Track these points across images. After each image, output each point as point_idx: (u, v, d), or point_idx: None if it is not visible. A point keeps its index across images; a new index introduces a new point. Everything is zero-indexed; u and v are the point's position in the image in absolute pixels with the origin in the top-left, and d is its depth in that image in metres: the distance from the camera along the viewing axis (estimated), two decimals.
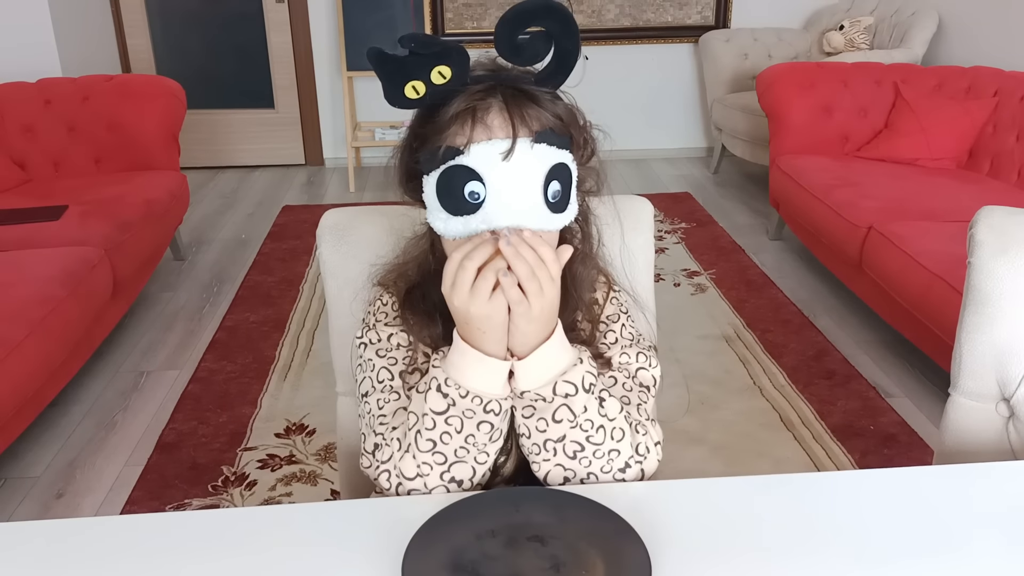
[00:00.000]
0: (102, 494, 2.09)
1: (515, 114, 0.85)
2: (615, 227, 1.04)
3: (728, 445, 2.24)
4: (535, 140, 0.85)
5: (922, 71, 3.51)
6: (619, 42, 4.71)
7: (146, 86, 3.32)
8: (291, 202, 4.33)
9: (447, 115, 0.86)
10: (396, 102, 0.86)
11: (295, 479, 2.13)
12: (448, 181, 0.85)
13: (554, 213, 0.87)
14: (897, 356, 2.67)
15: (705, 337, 2.82)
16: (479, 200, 0.84)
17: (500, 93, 0.86)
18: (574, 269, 0.96)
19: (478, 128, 0.85)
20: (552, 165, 0.86)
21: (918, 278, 2.36)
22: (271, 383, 2.57)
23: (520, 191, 0.85)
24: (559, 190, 0.87)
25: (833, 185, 3.00)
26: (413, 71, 0.85)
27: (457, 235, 0.86)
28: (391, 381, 0.94)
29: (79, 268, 2.37)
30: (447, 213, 0.86)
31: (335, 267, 1.07)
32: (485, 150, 0.84)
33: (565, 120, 0.89)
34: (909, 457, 2.18)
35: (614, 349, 0.99)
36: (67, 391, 2.47)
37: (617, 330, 1.01)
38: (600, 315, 1.01)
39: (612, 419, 0.89)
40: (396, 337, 0.96)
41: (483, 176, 0.84)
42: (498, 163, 0.84)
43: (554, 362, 0.86)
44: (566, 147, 0.88)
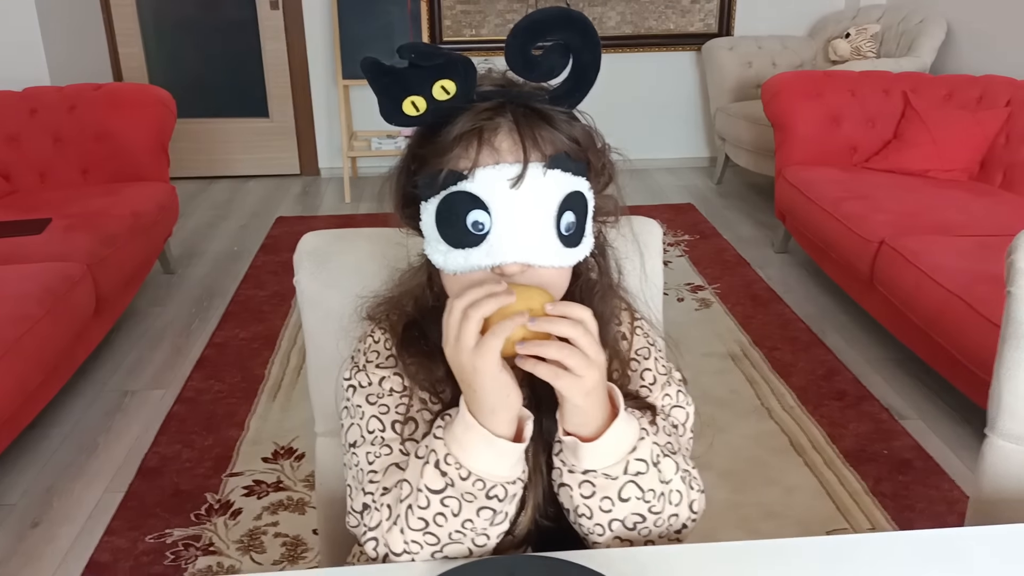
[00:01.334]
0: (80, 522, 2.00)
1: (526, 136, 0.76)
2: (633, 256, 0.95)
3: (736, 471, 2.14)
4: (548, 166, 0.76)
5: (932, 80, 3.42)
6: (620, 50, 4.63)
7: (135, 95, 3.23)
8: (285, 213, 4.24)
9: (450, 136, 0.76)
10: (393, 119, 0.76)
11: (282, 507, 2.03)
12: (449, 209, 0.76)
13: (567, 247, 0.78)
14: (910, 376, 2.57)
15: (711, 355, 2.72)
16: (483, 231, 0.75)
17: (510, 112, 0.77)
18: (594, 307, 0.85)
19: (484, 151, 0.76)
20: (567, 194, 0.77)
21: (933, 296, 2.27)
22: (260, 403, 2.47)
23: (530, 222, 0.76)
24: (573, 222, 0.78)
25: (842, 197, 2.90)
26: (413, 85, 0.75)
27: (458, 270, 0.77)
28: (383, 432, 0.83)
29: (59, 285, 2.27)
30: (447, 245, 0.77)
31: (314, 297, 0.97)
32: (491, 176, 0.75)
33: (582, 144, 0.80)
34: (926, 484, 2.08)
35: (655, 391, 0.89)
36: (47, 412, 2.37)
37: (652, 366, 0.91)
38: (629, 351, 0.91)
39: (669, 481, 0.80)
40: (389, 381, 0.85)
41: (488, 205, 0.75)
42: (506, 190, 0.75)
43: (623, 439, 0.77)
44: (582, 174, 0.79)
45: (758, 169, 4.10)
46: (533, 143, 0.76)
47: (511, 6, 4.50)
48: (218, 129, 4.74)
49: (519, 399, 0.74)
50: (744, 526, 1.94)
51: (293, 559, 1.87)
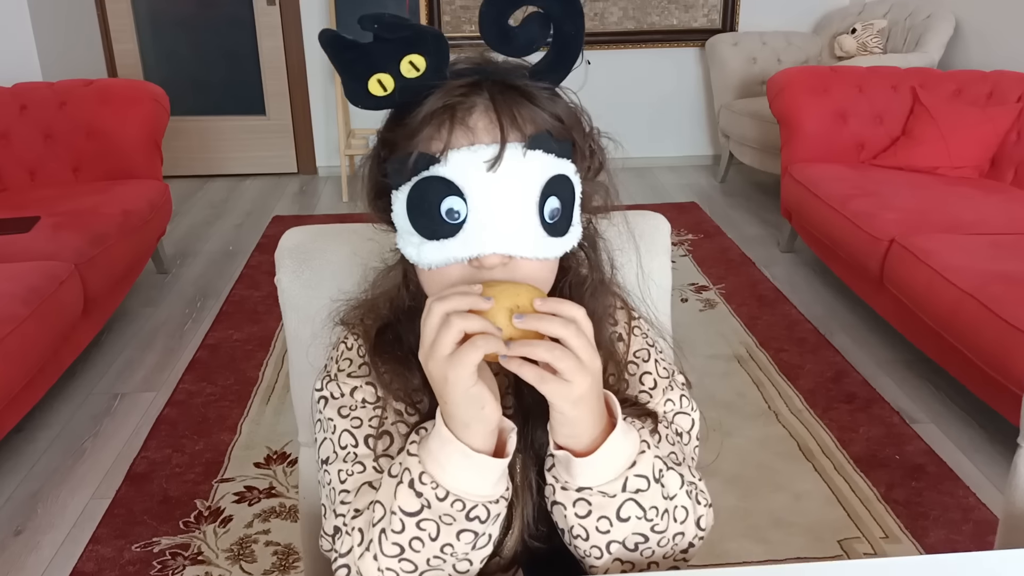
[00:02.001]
0: (64, 531, 1.93)
1: (504, 114, 0.69)
2: (629, 250, 0.88)
3: (743, 476, 2.07)
4: (528, 146, 0.69)
5: (941, 75, 3.35)
6: (623, 46, 4.56)
7: (127, 91, 3.16)
8: (282, 212, 4.17)
9: (419, 116, 0.69)
10: (359, 100, 0.70)
11: (274, 514, 1.97)
12: (421, 196, 0.69)
13: (552, 237, 0.71)
14: (920, 378, 2.50)
15: (716, 357, 2.65)
16: (459, 220, 0.69)
17: (486, 89, 0.70)
18: (585, 305, 0.79)
19: (458, 131, 0.69)
20: (550, 177, 0.70)
21: (946, 295, 2.20)
22: (252, 407, 2.41)
23: (510, 209, 0.69)
24: (558, 208, 0.71)
25: (850, 195, 2.83)
26: (378, 61, 0.68)
27: (433, 264, 0.70)
28: (355, 448, 0.76)
29: (45, 284, 2.21)
30: (420, 236, 0.70)
31: (296, 298, 0.90)
32: (466, 158, 0.68)
33: (566, 122, 0.73)
34: (940, 490, 2.01)
35: (656, 396, 0.81)
36: (34, 415, 2.31)
37: (652, 369, 0.83)
38: (627, 353, 0.84)
39: (674, 497, 0.72)
40: (362, 391, 0.78)
41: (464, 190, 0.68)
42: (482, 174, 0.68)
43: (621, 453, 0.69)
44: (567, 155, 0.72)
45: (763, 167, 4.03)
46: (512, 121, 0.69)
47: None
48: (214, 127, 4.67)
49: (496, 412, 0.66)
50: (752, 535, 1.87)
51: (284, 568, 1.80)
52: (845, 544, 1.85)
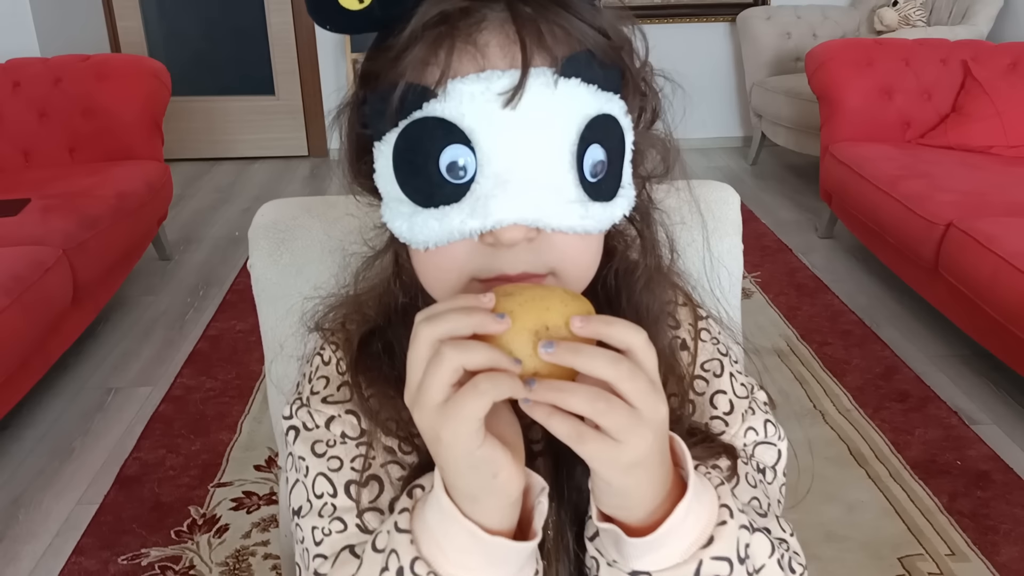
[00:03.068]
0: (47, 540, 1.77)
1: (527, 28, 0.49)
2: (693, 226, 0.68)
3: (790, 484, 1.84)
4: (561, 73, 0.49)
5: (994, 48, 3.12)
6: (649, 21, 4.32)
7: (125, 67, 3.00)
8: (291, 196, 3.99)
9: (407, 31, 0.49)
10: (326, 17, 0.50)
11: (273, 524, 1.80)
12: (412, 147, 0.49)
13: (595, 201, 0.51)
14: (978, 374, 2.29)
15: (755, 351, 2.44)
16: (465, 178, 0.49)
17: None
18: (636, 300, 0.59)
19: (462, 53, 0.49)
20: (591, 117, 0.50)
21: (1015, 284, 1.99)
22: (254, 404, 2.24)
23: (536, 161, 0.49)
24: (603, 161, 0.51)
25: (900, 176, 2.62)
26: None
27: (431, 242, 0.51)
28: (333, 499, 0.57)
29: (28, 272, 2.04)
30: (412, 204, 0.51)
31: (271, 287, 0.72)
32: (474, 90, 0.48)
33: (614, 40, 0.52)
34: (1009, 501, 1.81)
35: (734, 423, 0.62)
36: (20, 412, 2.15)
37: (728, 387, 0.63)
38: (692, 365, 0.63)
39: (760, 569, 0.52)
40: (340, 423, 0.59)
41: (471, 135, 0.48)
42: (497, 112, 0.48)
43: (692, 530, 0.49)
44: (614, 88, 0.52)
45: (798, 148, 3.82)
46: (538, 38, 0.49)
47: None
48: (221, 108, 4.50)
49: (514, 479, 0.46)
50: (803, 550, 1.67)
51: None
52: (907, 562, 1.66)
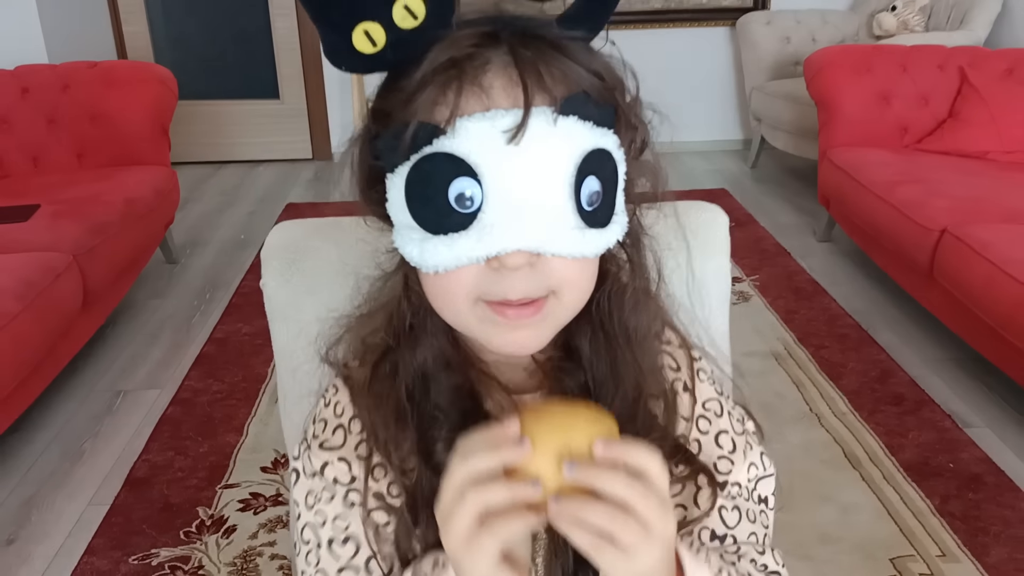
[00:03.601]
0: (59, 540, 1.81)
1: (528, 71, 0.53)
2: (679, 248, 0.72)
3: (785, 486, 1.87)
4: (560, 111, 0.53)
5: (991, 54, 3.15)
6: (650, 26, 4.38)
7: (133, 73, 3.04)
8: (296, 199, 4.05)
9: (418, 75, 0.54)
10: (341, 59, 0.54)
11: (280, 524, 1.84)
12: (423, 180, 0.54)
13: (591, 228, 0.56)
14: (973, 378, 2.33)
15: (752, 354, 2.49)
16: (472, 208, 0.54)
17: (504, 41, 0.54)
18: (625, 321, 0.64)
19: (469, 94, 0.53)
20: (587, 152, 0.55)
21: (1007, 291, 2.03)
22: (261, 406, 2.28)
23: (537, 193, 0.54)
24: (598, 191, 0.56)
25: (896, 182, 2.65)
26: (365, 7, 0.53)
27: (440, 267, 0.55)
28: (317, 549, 0.63)
29: (40, 277, 2.09)
30: (423, 231, 0.55)
31: (283, 307, 0.76)
32: (480, 128, 0.53)
33: (608, 82, 0.57)
34: (1000, 503, 1.85)
35: (738, 461, 0.67)
36: (32, 414, 2.19)
37: (728, 427, 0.68)
38: (694, 404, 0.68)
39: None
40: (333, 468, 0.64)
41: (477, 169, 0.53)
42: (501, 147, 0.53)
43: None
44: (608, 124, 0.56)
45: (797, 152, 3.85)
46: (538, 80, 0.53)
47: None
48: (226, 111, 4.54)
49: None
50: (797, 551, 1.72)
51: None
52: (899, 563, 1.69)
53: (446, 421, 0.61)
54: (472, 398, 0.62)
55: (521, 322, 0.57)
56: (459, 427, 0.58)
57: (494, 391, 0.63)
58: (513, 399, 0.63)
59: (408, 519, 0.61)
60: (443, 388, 0.58)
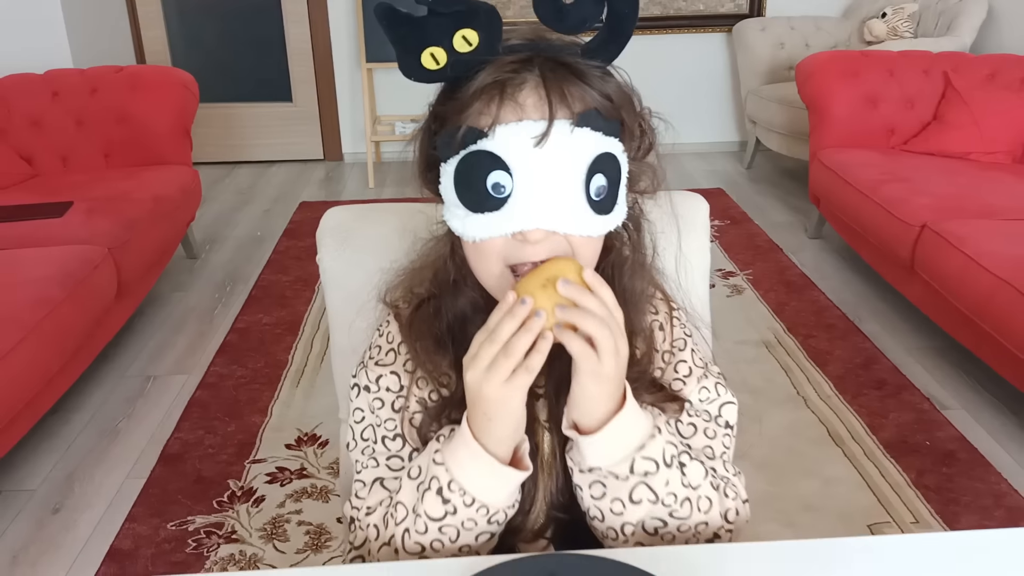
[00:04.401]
0: (101, 509, 1.96)
1: (553, 91, 0.70)
2: (671, 231, 0.88)
3: (772, 462, 2.07)
4: (576, 123, 0.70)
5: (974, 60, 3.30)
6: (649, 32, 4.53)
7: (157, 77, 3.19)
8: (308, 198, 4.20)
9: (470, 90, 0.70)
10: (413, 73, 0.71)
11: (305, 495, 1.99)
12: (468, 170, 0.71)
13: (598, 214, 0.72)
14: (952, 365, 2.48)
15: (744, 343, 2.64)
16: (504, 194, 0.70)
17: (537, 66, 0.71)
18: (624, 285, 0.80)
19: (507, 107, 0.70)
20: (597, 155, 0.71)
21: (980, 282, 2.18)
22: (283, 389, 2.43)
23: (555, 185, 0.70)
24: (604, 186, 0.72)
25: (881, 181, 2.80)
26: (432, 35, 0.70)
27: (477, 237, 0.72)
28: (374, 444, 0.81)
29: (80, 268, 2.24)
30: (466, 209, 0.72)
31: (337, 276, 0.92)
32: (514, 133, 0.69)
33: (616, 102, 0.73)
34: (971, 476, 2.00)
35: (690, 384, 0.83)
36: (69, 397, 2.34)
37: (688, 358, 0.84)
38: (665, 342, 0.85)
39: (697, 487, 0.74)
40: (386, 380, 0.81)
41: (510, 165, 0.69)
42: (529, 149, 0.69)
43: (630, 434, 0.72)
44: (615, 134, 0.73)
45: (790, 153, 4.00)
46: (560, 98, 0.70)
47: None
48: (241, 114, 4.70)
49: (523, 429, 0.72)
50: (781, 519, 1.87)
51: (317, 548, 1.82)
52: (875, 528, 1.84)
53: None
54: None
55: None
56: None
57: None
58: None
59: (438, 408, 0.79)
60: (477, 325, 0.73)
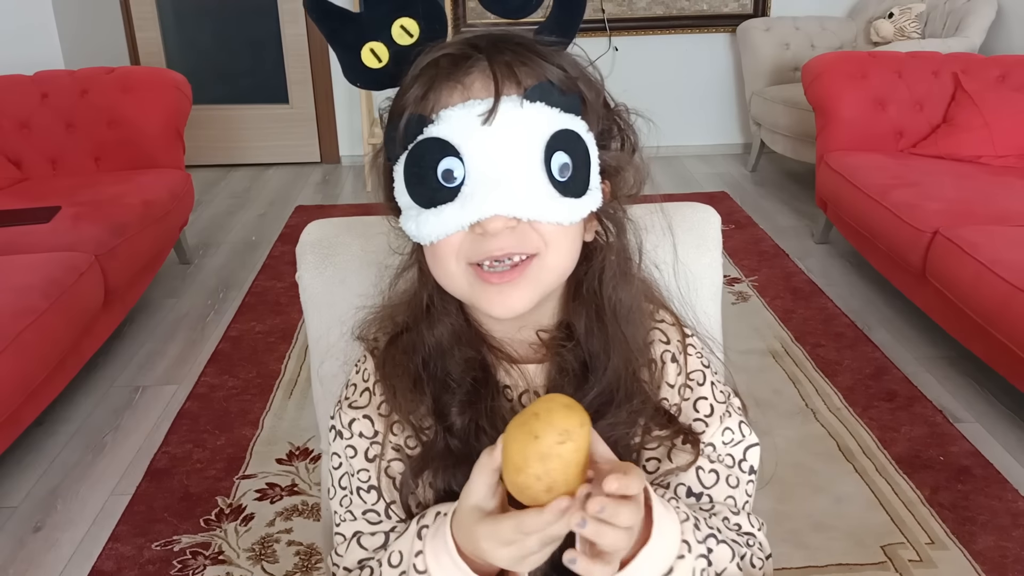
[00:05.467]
0: (84, 527, 1.89)
1: (498, 66, 0.62)
2: (665, 240, 0.80)
3: (780, 478, 1.99)
4: (527, 97, 0.62)
5: (984, 61, 3.23)
6: (651, 32, 4.46)
7: (148, 79, 3.12)
8: (305, 202, 4.13)
9: (408, 76, 0.64)
10: (356, 75, 0.66)
11: (296, 512, 1.92)
12: (416, 163, 0.63)
13: (565, 197, 0.63)
14: (964, 375, 2.41)
15: (750, 352, 2.57)
16: (456, 182, 0.62)
17: (483, 47, 0.63)
18: (608, 295, 0.72)
19: (450, 88, 0.63)
20: (555, 131, 0.63)
21: (994, 290, 2.11)
22: (275, 401, 2.36)
23: (511, 166, 0.62)
24: (567, 163, 0.63)
25: (891, 185, 2.73)
26: (368, 29, 0.64)
27: (433, 236, 0.64)
28: (350, 495, 0.73)
29: (65, 276, 2.17)
30: (419, 207, 0.64)
31: (318, 296, 0.84)
32: (459, 115, 0.62)
33: (571, 73, 0.65)
34: (987, 494, 1.93)
35: (712, 425, 0.74)
36: (54, 409, 2.27)
37: (709, 394, 0.75)
38: (681, 375, 0.76)
39: (722, 571, 0.67)
40: (359, 424, 0.73)
41: (459, 149, 0.62)
42: (477, 128, 0.61)
43: (659, 557, 0.63)
44: (575, 111, 0.64)
45: (796, 156, 3.93)
46: (508, 73, 0.62)
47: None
48: (237, 116, 4.63)
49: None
50: (791, 539, 1.80)
51: (307, 569, 1.75)
52: (889, 550, 1.77)
53: (459, 389, 0.69)
54: (483, 369, 0.71)
55: (505, 285, 0.65)
56: (471, 394, 0.68)
57: (503, 363, 0.72)
58: (520, 368, 0.72)
59: (416, 466, 0.70)
60: (457, 360, 0.67)
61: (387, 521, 0.73)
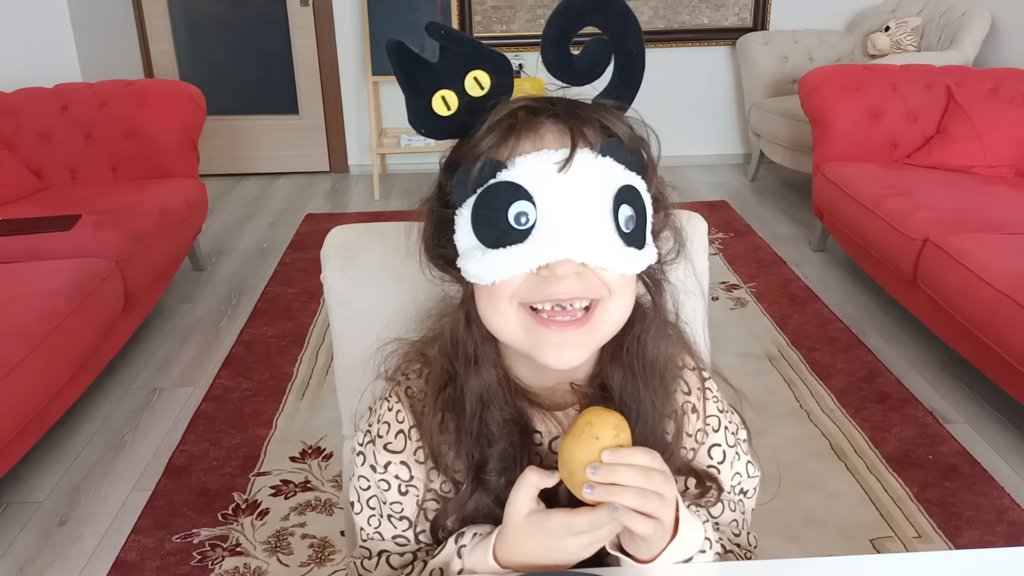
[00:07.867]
0: (107, 521, 1.98)
1: (573, 121, 0.67)
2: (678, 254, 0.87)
3: (775, 476, 2.07)
4: (600, 152, 0.66)
5: (976, 73, 3.31)
6: (653, 45, 4.55)
7: (165, 91, 3.22)
8: (314, 210, 4.22)
9: (485, 124, 0.67)
10: (423, 121, 0.68)
11: (310, 508, 2.00)
12: (487, 205, 0.66)
13: (629, 247, 0.67)
14: (954, 378, 2.48)
15: (747, 356, 2.65)
16: (528, 225, 0.64)
17: (555, 105, 0.68)
18: (649, 355, 0.75)
19: (526, 138, 0.67)
20: (622, 186, 0.67)
21: (982, 296, 2.18)
22: (288, 402, 2.44)
23: (583, 213, 0.65)
24: (632, 216, 0.67)
25: (884, 194, 2.81)
26: (443, 77, 0.67)
27: (498, 276, 0.66)
28: (380, 517, 0.79)
29: (88, 281, 2.26)
30: (484, 247, 0.66)
31: (342, 295, 0.92)
32: (535, 161, 0.65)
33: (635, 133, 0.70)
34: (974, 491, 2.00)
35: (724, 471, 0.82)
36: (76, 409, 2.36)
37: (722, 440, 0.82)
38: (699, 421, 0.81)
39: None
40: (395, 468, 0.77)
41: (533, 194, 0.65)
42: (552, 176, 0.65)
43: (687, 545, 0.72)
44: (637, 169, 0.69)
45: (794, 166, 4.01)
46: (581, 129, 0.67)
47: (542, 0, 4.44)
48: (248, 126, 4.73)
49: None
50: (783, 533, 1.87)
51: (320, 561, 1.83)
52: (878, 543, 1.85)
53: (497, 444, 0.74)
54: (521, 431, 0.75)
55: (566, 335, 0.68)
56: (508, 459, 0.73)
57: (541, 416, 0.77)
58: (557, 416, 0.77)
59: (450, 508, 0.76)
60: (496, 419, 0.71)
61: (414, 544, 0.79)
